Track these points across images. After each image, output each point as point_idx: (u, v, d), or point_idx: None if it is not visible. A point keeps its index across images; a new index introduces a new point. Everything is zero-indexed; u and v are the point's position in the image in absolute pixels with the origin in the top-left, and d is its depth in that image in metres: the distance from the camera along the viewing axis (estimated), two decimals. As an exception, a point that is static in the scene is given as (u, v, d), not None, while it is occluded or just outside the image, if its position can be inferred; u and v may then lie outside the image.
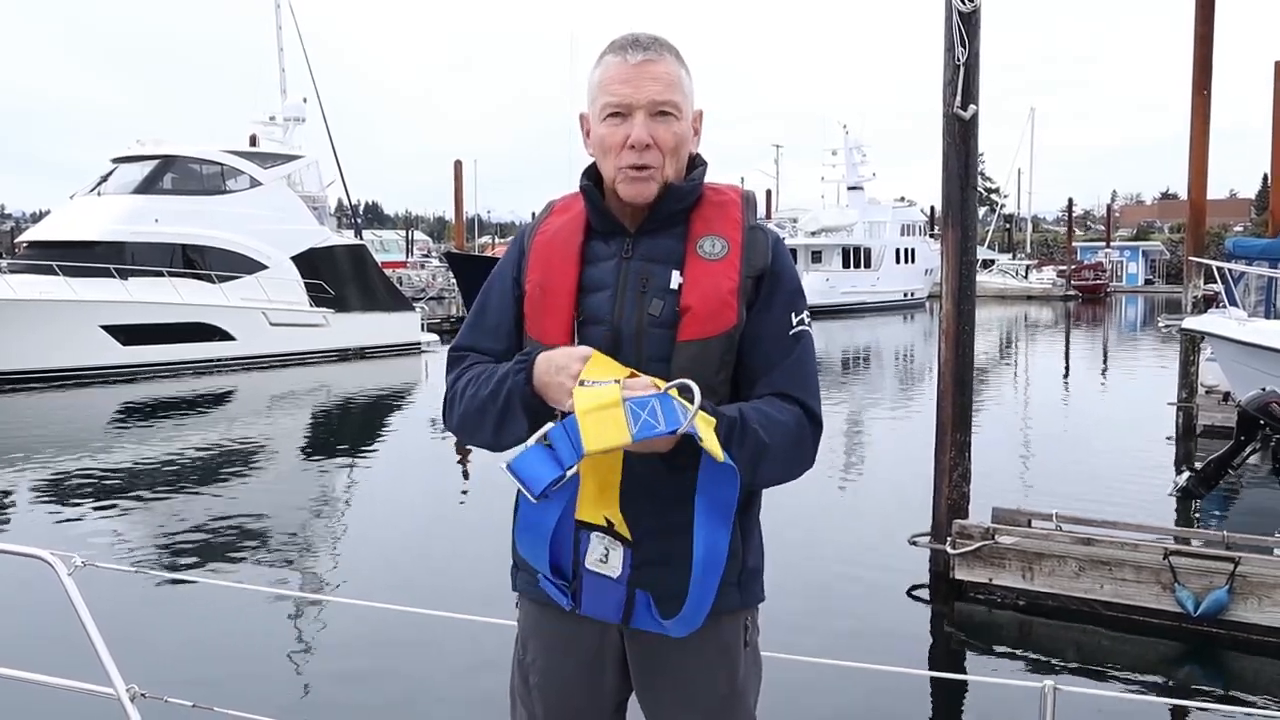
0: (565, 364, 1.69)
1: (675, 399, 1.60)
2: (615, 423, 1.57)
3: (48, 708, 4.64)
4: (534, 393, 1.73)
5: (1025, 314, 43.99)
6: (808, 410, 1.84)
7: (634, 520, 1.80)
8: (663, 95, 1.81)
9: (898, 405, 17.65)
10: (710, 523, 1.69)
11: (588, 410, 1.58)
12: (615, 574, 1.75)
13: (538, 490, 1.60)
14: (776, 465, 1.79)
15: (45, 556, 2.83)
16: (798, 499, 8.91)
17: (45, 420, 16.33)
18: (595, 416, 1.57)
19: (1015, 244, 72.67)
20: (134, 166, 23.45)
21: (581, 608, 1.81)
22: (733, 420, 1.72)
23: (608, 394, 1.59)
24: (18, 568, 3.13)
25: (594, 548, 1.75)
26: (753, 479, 1.77)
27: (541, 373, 1.72)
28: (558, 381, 1.68)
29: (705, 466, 1.67)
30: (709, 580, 1.71)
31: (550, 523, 1.71)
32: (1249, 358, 11.31)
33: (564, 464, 1.59)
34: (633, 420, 1.57)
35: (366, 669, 5.71)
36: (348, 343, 24.76)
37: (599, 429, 1.57)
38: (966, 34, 6.78)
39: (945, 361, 7.19)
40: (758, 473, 1.77)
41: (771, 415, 1.77)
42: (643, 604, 1.80)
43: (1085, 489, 9.93)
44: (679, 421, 1.57)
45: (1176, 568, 6.09)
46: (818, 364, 2.00)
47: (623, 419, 1.57)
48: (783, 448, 1.78)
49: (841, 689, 5.34)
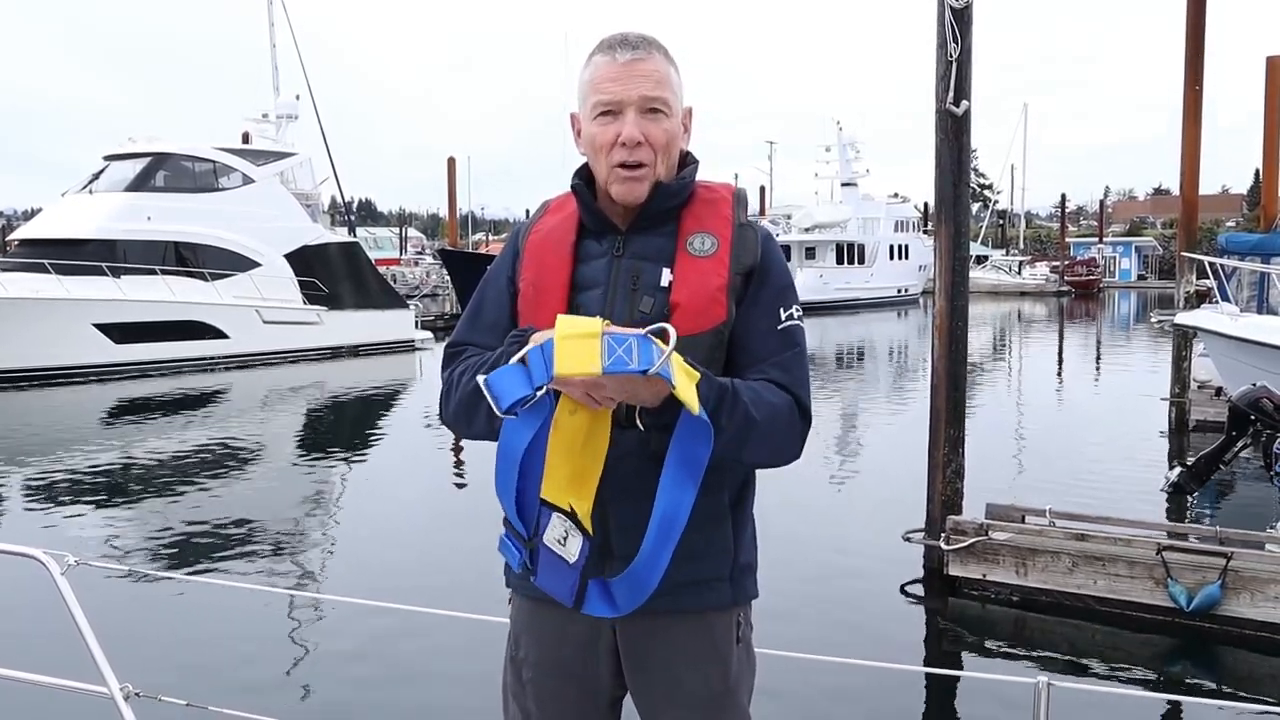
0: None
1: (655, 343, 1.61)
2: (589, 352, 1.59)
3: (41, 707, 4.63)
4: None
5: (1018, 310, 44.09)
6: (798, 402, 1.84)
7: (611, 515, 1.80)
8: (653, 92, 1.82)
9: (891, 401, 17.69)
10: (677, 479, 1.69)
11: (566, 336, 1.60)
12: (571, 559, 1.74)
13: (505, 404, 1.62)
14: (764, 445, 1.78)
15: (38, 556, 2.82)
16: (791, 494, 8.95)
17: (38, 419, 16.28)
18: (572, 343, 1.59)
19: (1009, 240, 72.82)
20: (126, 164, 23.36)
21: (537, 577, 1.78)
22: (724, 387, 1.72)
23: (589, 325, 1.61)
24: (10, 567, 3.12)
25: (554, 526, 1.73)
26: (739, 453, 1.77)
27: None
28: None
29: (681, 421, 1.68)
30: (663, 545, 1.70)
31: (520, 445, 1.70)
32: (1241, 353, 11.35)
33: (535, 383, 1.61)
34: (607, 354, 1.59)
35: (360, 666, 5.71)
36: (341, 340, 24.72)
37: (573, 355, 1.59)
38: (959, 30, 6.79)
39: (938, 357, 7.20)
40: (744, 448, 1.76)
41: (762, 395, 1.78)
42: (595, 592, 1.78)
43: (1078, 484, 9.96)
44: (652, 364, 1.59)
45: (1169, 563, 6.11)
46: (810, 359, 2.00)
47: (597, 350, 1.59)
48: (771, 428, 1.78)
49: (835, 685, 5.35)
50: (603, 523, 1.80)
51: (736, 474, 1.92)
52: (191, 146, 24.22)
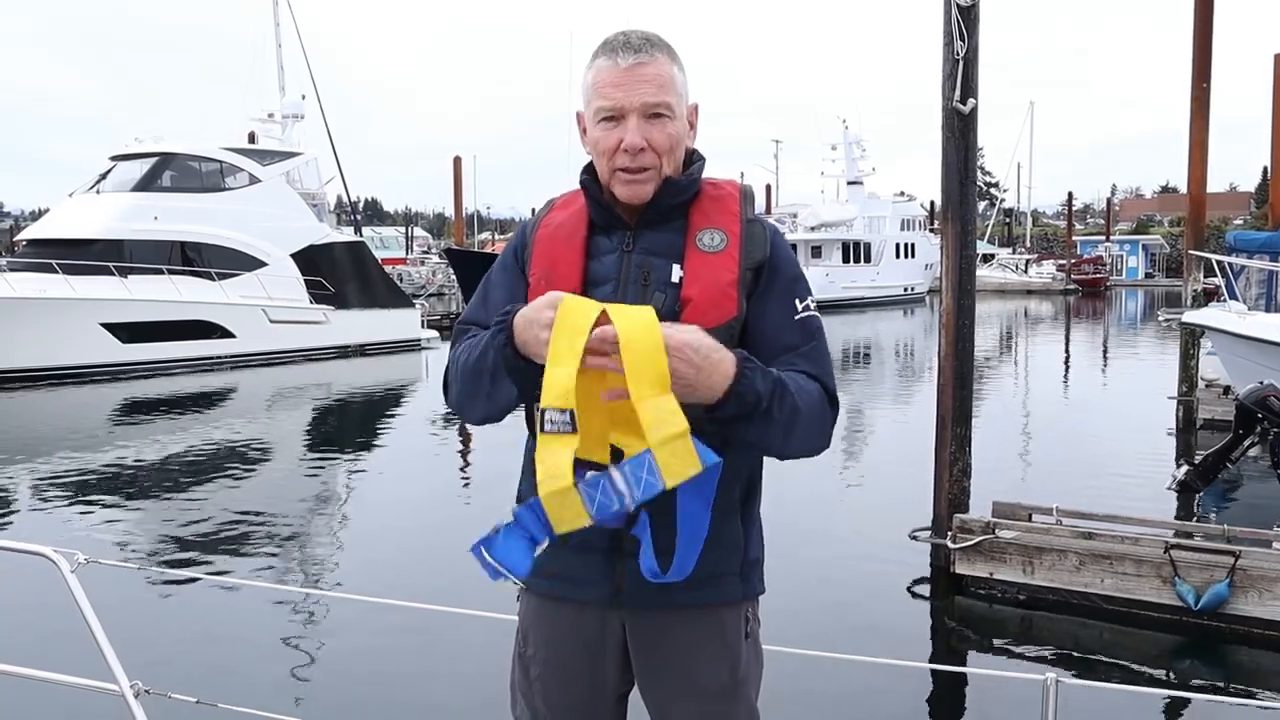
0: (536, 317, 1.68)
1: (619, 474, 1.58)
2: (573, 506, 1.58)
3: (52, 705, 4.65)
4: (517, 353, 1.72)
5: (1025, 308, 43.98)
6: (828, 391, 1.85)
7: None
8: (655, 98, 1.81)
9: (898, 400, 17.67)
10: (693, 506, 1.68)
11: (549, 495, 1.59)
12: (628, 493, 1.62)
13: (523, 572, 1.63)
14: (807, 434, 1.79)
15: (48, 554, 2.83)
16: (798, 493, 8.94)
17: (46, 418, 16.33)
18: (556, 500, 1.59)
19: (1015, 238, 72.64)
20: (133, 164, 23.41)
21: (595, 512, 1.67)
22: (776, 378, 1.72)
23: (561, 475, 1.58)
24: (21, 565, 3.14)
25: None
26: (784, 446, 1.77)
27: (520, 331, 1.71)
28: (533, 335, 1.68)
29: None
30: (694, 544, 1.70)
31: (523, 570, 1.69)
32: (1249, 351, 11.31)
33: (539, 543, 1.62)
34: (589, 502, 1.58)
35: (368, 663, 5.72)
36: (347, 340, 24.74)
37: (559, 513, 1.59)
38: (966, 28, 6.78)
39: (945, 356, 7.19)
40: (791, 437, 1.76)
41: (802, 384, 1.78)
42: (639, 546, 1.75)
43: (1085, 483, 9.94)
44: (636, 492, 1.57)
45: (1177, 561, 6.10)
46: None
47: (579, 501, 1.58)
48: (810, 418, 1.78)
49: (842, 682, 5.34)
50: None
51: (745, 470, 1.92)
52: (198, 146, 24.26)
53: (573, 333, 1.61)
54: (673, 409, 1.57)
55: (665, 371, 1.58)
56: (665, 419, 1.56)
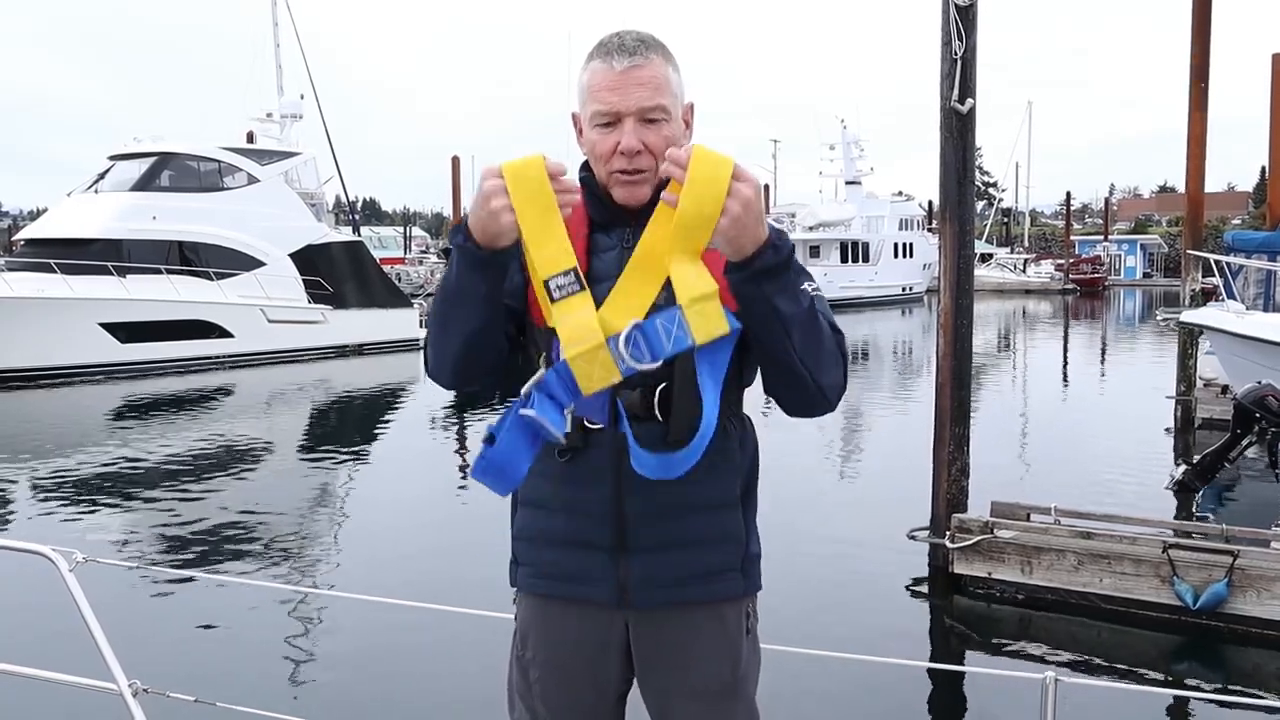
0: (489, 193, 1.68)
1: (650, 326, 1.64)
2: (604, 363, 1.64)
3: (51, 704, 4.65)
4: (479, 246, 1.72)
5: (1023, 308, 44.01)
6: (840, 346, 1.84)
7: (628, 506, 1.84)
8: (650, 101, 1.80)
9: (896, 399, 17.67)
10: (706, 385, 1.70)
11: (576, 356, 1.64)
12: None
13: (563, 428, 1.67)
14: (830, 355, 1.78)
15: (46, 553, 2.83)
16: (796, 492, 8.95)
17: (45, 418, 16.32)
18: (584, 360, 1.64)
19: (1013, 238, 72.66)
20: (131, 164, 23.41)
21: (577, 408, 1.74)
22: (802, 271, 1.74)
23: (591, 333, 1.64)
24: (19, 564, 3.14)
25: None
26: (805, 351, 1.74)
27: (475, 222, 1.71)
28: (490, 210, 1.68)
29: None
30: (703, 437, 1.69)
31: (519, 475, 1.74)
32: (1247, 350, 11.33)
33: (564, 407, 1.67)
34: (618, 359, 1.64)
35: (367, 663, 5.72)
36: (346, 339, 24.74)
37: (589, 371, 1.64)
38: (964, 28, 6.78)
39: (943, 355, 7.19)
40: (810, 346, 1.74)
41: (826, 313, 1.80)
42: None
43: (1084, 482, 9.95)
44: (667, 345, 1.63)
45: (1175, 561, 6.10)
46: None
47: (609, 358, 1.64)
48: (831, 339, 1.79)
49: (841, 681, 5.35)
50: (618, 516, 1.83)
51: (744, 464, 1.93)
52: (196, 146, 24.27)
53: (535, 196, 1.65)
54: (703, 272, 1.65)
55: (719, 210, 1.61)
56: (696, 280, 1.65)
